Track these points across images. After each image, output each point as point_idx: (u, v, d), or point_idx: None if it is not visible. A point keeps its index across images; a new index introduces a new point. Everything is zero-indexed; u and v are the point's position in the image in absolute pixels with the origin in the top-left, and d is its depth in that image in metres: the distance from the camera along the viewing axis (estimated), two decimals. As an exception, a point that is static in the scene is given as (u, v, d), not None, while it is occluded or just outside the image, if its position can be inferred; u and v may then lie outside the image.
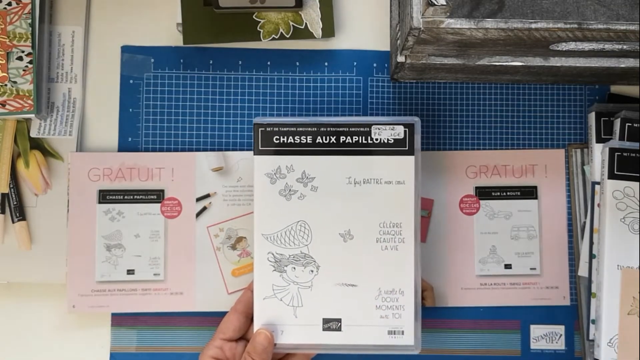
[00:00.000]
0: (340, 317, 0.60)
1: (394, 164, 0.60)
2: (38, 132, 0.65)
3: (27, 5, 0.64)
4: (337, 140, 0.60)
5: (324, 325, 0.60)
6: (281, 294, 0.61)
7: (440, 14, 0.51)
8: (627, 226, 0.62)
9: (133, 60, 0.67)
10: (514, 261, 0.67)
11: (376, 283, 0.60)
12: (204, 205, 0.66)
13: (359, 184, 0.61)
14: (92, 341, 0.66)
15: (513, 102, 0.68)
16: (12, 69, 0.64)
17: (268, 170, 0.61)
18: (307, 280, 0.61)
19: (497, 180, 0.67)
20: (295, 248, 0.61)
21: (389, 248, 0.60)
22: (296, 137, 0.61)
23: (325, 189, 0.61)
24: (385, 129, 0.60)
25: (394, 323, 0.60)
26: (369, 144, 0.60)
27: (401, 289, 0.60)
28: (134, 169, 0.66)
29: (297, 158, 0.61)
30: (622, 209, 0.62)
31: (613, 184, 0.63)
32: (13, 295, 0.66)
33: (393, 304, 0.60)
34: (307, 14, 0.66)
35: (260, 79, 0.68)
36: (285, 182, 0.61)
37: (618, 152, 0.63)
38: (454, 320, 0.67)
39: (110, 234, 0.65)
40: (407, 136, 0.60)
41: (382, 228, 0.60)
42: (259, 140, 0.61)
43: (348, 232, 0.61)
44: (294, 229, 0.61)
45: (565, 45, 0.55)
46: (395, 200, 0.60)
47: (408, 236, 0.60)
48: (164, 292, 0.65)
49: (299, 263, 0.61)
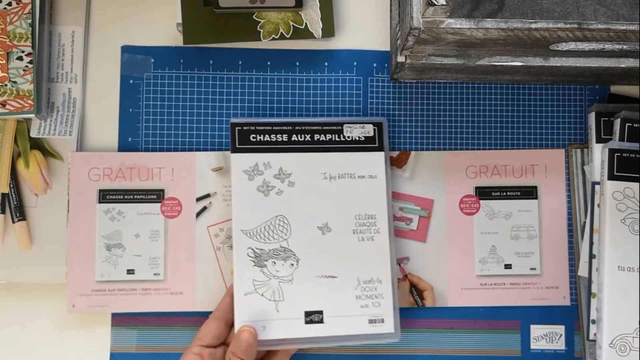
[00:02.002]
0: (321, 309, 0.62)
1: (365, 159, 0.64)
2: (38, 132, 0.65)
3: (27, 5, 0.64)
4: (311, 138, 0.64)
5: (306, 319, 0.61)
6: (262, 289, 0.61)
7: (440, 14, 0.51)
8: (627, 227, 0.62)
9: (133, 60, 0.67)
10: (514, 261, 0.67)
11: (355, 273, 0.62)
12: (204, 205, 0.66)
13: (334, 178, 0.63)
14: (92, 341, 0.66)
15: (513, 102, 0.68)
16: (12, 69, 0.64)
17: (245, 167, 0.63)
18: (288, 274, 0.62)
19: (497, 180, 0.67)
20: (274, 242, 0.62)
21: (365, 239, 0.63)
22: (272, 136, 0.63)
23: (302, 184, 0.63)
24: (355, 127, 0.64)
25: (374, 312, 0.62)
26: (341, 141, 0.64)
27: (379, 278, 0.62)
28: (134, 168, 0.66)
29: (274, 155, 0.63)
30: (622, 209, 0.62)
31: (613, 184, 0.63)
32: (13, 295, 0.66)
33: (372, 293, 0.62)
34: (307, 14, 0.66)
35: (260, 79, 0.68)
36: (262, 179, 0.63)
37: (618, 152, 0.63)
38: (454, 320, 0.67)
39: (110, 234, 0.65)
40: (376, 134, 0.64)
41: (358, 220, 0.63)
42: (235, 138, 0.63)
43: (326, 225, 0.63)
44: (273, 224, 0.62)
45: (565, 45, 0.55)
46: (369, 193, 0.63)
47: (383, 227, 0.63)
48: (164, 292, 0.65)
49: (279, 257, 0.62)
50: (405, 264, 0.66)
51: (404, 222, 0.67)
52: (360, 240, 0.63)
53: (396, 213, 0.67)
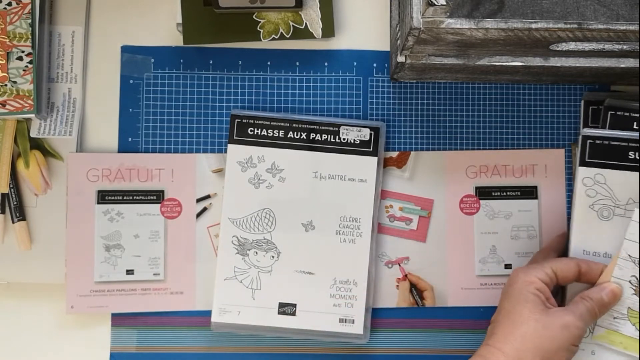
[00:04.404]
0: (295, 302, 0.64)
1: (358, 163, 0.65)
2: (38, 132, 0.65)
3: (27, 5, 0.64)
4: (307, 136, 0.65)
5: (279, 309, 0.64)
6: (242, 276, 0.64)
7: (440, 14, 0.51)
8: (596, 212, 0.62)
9: (133, 60, 0.67)
10: (514, 261, 0.67)
11: (332, 273, 0.64)
12: (204, 206, 0.66)
13: (324, 178, 0.65)
14: (92, 341, 0.66)
15: (513, 102, 0.68)
16: (12, 69, 0.64)
17: (240, 158, 0.65)
18: (268, 265, 0.64)
19: (497, 180, 0.67)
20: (259, 234, 0.64)
21: (347, 241, 0.65)
22: (269, 131, 0.65)
23: (292, 180, 0.65)
24: (352, 130, 0.65)
25: (346, 312, 0.64)
26: (336, 142, 0.65)
27: (355, 280, 0.64)
28: (133, 169, 0.66)
29: (269, 150, 0.65)
30: (591, 195, 0.62)
31: (584, 170, 0.62)
32: (13, 295, 0.66)
33: (346, 294, 0.64)
34: (307, 14, 0.66)
35: (260, 79, 0.68)
36: (255, 171, 0.65)
37: (590, 139, 0.63)
38: (454, 320, 0.67)
39: (109, 235, 0.65)
40: (372, 138, 0.65)
41: (342, 222, 0.65)
42: (234, 130, 0.65)
43: (310, 222, 0.65)
44: (259, 216, 0.64)
45: (565, 45, 0.55)
46: (356, 197, 0.65)
47: (365, 231, 0.64)
48: (164, 292, 0.65)
49: (261, 248, 0.64)
50: (405, 264, 0.67)
51: (404, 222, 0.67)
52: (342, 241, 0.65)
53: (396, 213, 0.67)
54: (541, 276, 0.56)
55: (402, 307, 0.66)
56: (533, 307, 0.55)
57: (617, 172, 0.62)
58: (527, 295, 0.55)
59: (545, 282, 0.56)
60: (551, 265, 0.57)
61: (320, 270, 0.64)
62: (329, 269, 0.64)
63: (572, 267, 0.58)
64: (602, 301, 0.57)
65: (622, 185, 0.61)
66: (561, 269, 0.57)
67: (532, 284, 0.56)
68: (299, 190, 0.65)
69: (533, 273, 0.56)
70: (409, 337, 0.66)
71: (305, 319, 0.64)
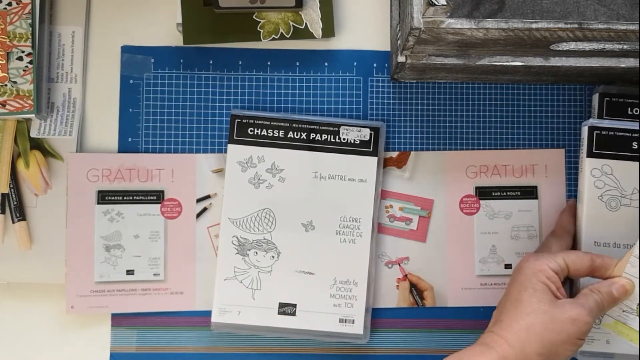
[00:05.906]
0: (295, 302, 0.64)
1: (358, 163, 0.65)
2: (38, 132, 0.65)
3: (27, 5, 0.64)
4: (307, 136, 0.65)
5: (279, 309, 0.64)
6: (242, 276, 0.64)
7: (440, 14, 0.51)
8: (604, 203, 0.62)
9: (133, 60, 0.67)
10: (514, 261, 0.67)
11: (332, 273, 0.64)
12: (204, 206, 0.66)
13: (324, 178, 0.65)
14: (92, 341, 0.66)
15: (513, 102, 0.68)
16: (12, 69, 0.64)
17: (240, 158, 0.65)
18: (268, 265, 0.64)
19: (497, 180, 0.67)
20: (259, 234, 0.64)
21: (347, 241, 0.65)
22: (269, 131, 0.65)
23: (292, 180, 0.65)
24: (352, 130, 0.65)
25: (346, 312, 0.64)
26: (336, 142, 0.65)
27: (355, 280, 0.64)
28: (133, 170, 0.66)
29: (269, 150, 0.65)
30: (599, 186, 0.62)
31: (591, 162, 0.63)
32: (13, 295, 0.66)
33: (346, 294, 0.64)
34: (307, 14, 0.66)
35: (260, 79, 0.68)
36: (255, 171, 0.65)
37: (597, 130, 0.63)
38: (454, 320, 0.67)
39: (109, 235, 0.65)
40: (372, 139, 0.65)
41: (342, 222, 0.65)
42: (234, 130, 0.65)
43: (310, 222, 0.65)
44: (259, 216, 0.65)
45: (566, 45, 0.55)
46: (356, 197, 0.65)
47: (365, 231, 0.64)
48: (164, 292, 0.65)
49: (261, 248, 0.64)
50: (405, 264, 0.67)
51: (404, 222, 0.67)
52: (342, 241, 0.65)
53: (396, 213, 0.67)
54: (552, 265, 0.55)
55: (402, 307, 0.66)
56: (542, 297, 0.54)
57: (622, 163, 0.62)
58: (536, 283, 0.54)
59: (556, 272, 0.55)
60: (564, 257, 0.56)
61: (320, 271, 0.64)
62: (329, 269, 0.64)
63: (585, 262, 0.57)
64: (611, 295, 0.56)
65: (628, 175, 0.62)
66: (574, 262, 0.56)
67: (542, 272, 0.55)
68: (299, 190, 0.65)
69: (544, 261, 0.55)
70: (409, 337, 0.66)
71: (305, 319, 0.64)
